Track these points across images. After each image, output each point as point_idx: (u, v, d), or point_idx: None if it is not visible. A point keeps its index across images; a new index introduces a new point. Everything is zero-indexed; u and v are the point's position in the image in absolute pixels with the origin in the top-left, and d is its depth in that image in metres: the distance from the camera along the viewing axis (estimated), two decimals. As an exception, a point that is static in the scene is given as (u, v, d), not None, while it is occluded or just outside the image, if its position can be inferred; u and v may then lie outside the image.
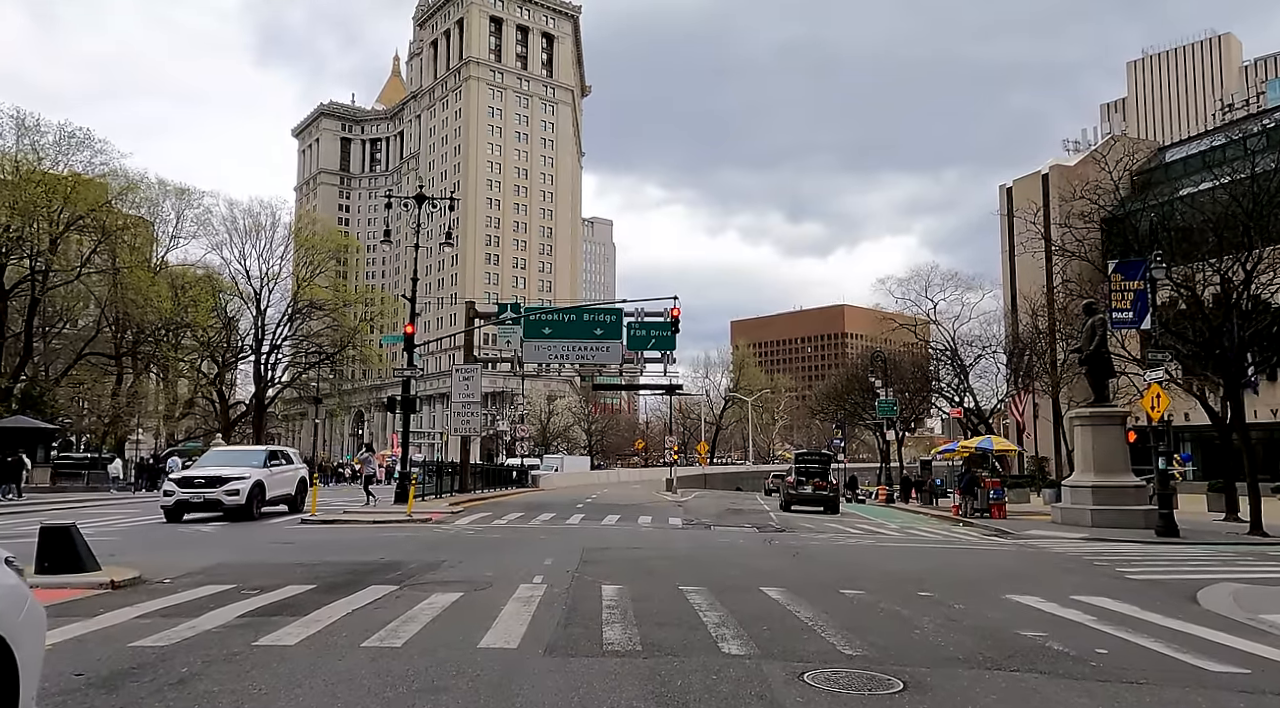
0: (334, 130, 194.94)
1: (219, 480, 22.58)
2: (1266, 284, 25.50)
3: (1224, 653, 7.63)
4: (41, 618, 4.35)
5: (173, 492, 22.35)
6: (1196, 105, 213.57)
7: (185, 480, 22.70)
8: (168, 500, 22.31)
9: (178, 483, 22.60)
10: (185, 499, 22.23)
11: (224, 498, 22.32)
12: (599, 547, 17.02)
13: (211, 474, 22.99)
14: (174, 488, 22.51)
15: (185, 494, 22.23)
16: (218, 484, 22.43)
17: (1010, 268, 69.82)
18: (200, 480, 22.65)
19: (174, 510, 22.31)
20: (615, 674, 6.43)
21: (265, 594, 10.00)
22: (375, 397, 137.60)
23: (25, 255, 48.50)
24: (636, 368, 43.75)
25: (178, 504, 22.14)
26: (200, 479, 22.75)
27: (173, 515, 22.32)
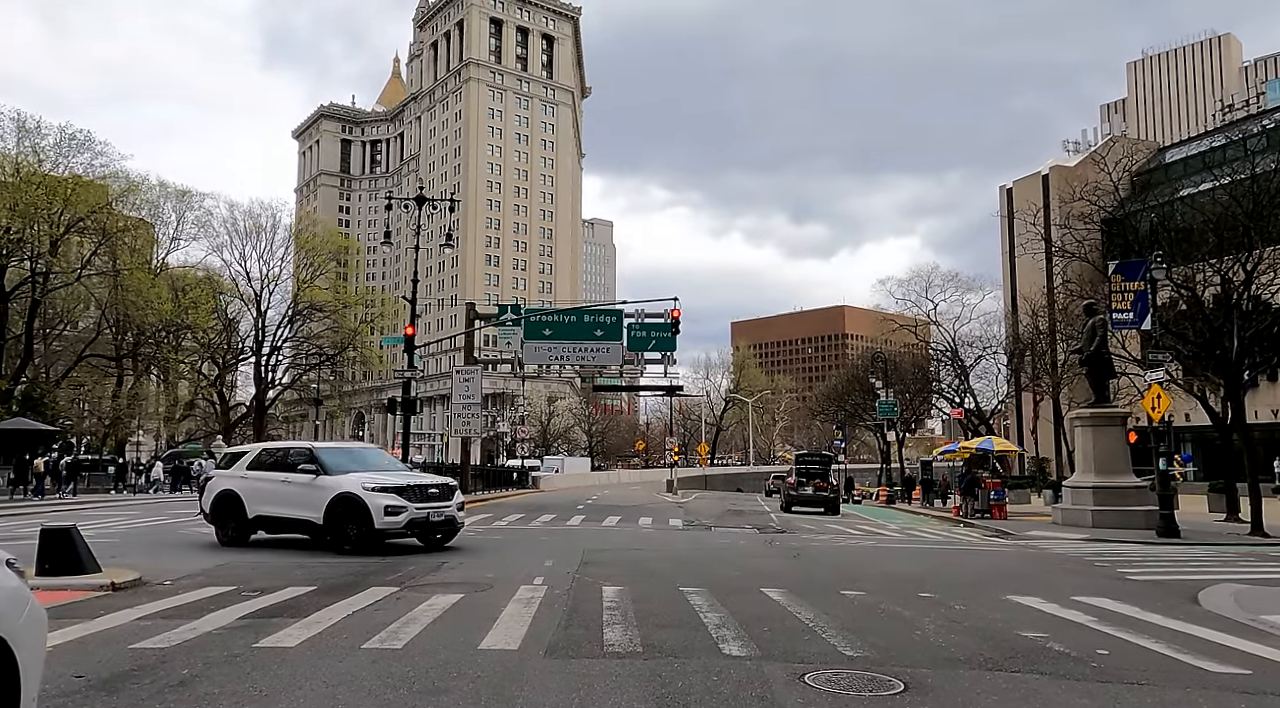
0: (334, 132, 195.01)
1: (444, 490, 16.27)
2: (1267, 285, 25.50)
3: (1225, 654, 7.62)
4: (43, 620, 4.35)
5: (402, 509, 14.97)
6: (1196, 106, 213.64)
7: (409, 489, 15.42)
8: (394, 520, 14.89)
9: (397, 492, 15.23)
10: (423, 517, 15.36)
11: (456, 515, 16.22)
12: (599, 548, 17.02)
13: (431, 483, 16.33)
14: (401, 503, 15.05)
15: (420, 510, 15.30)
16: (445, 496, 16.09)
17: (1010, 269, 69.86)
18: (433, 490, 15.90)
19: (410, 530, 15.38)
20: (616, 676, 6.43)
21: (266, 596, 10.00)
22: (376, 398, 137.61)
23: (26, 257, 48.52)
24: (637, 369, 43.76)
25: (412, 523, 15.19)
26: (433, 489, 15.95)
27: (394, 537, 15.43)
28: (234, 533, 16.32)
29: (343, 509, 14.99)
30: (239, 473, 16.77)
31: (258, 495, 16.09)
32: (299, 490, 15.59)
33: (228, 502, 16.44)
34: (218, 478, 17.29)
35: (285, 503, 15.76)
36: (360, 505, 14.83)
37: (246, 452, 17.78)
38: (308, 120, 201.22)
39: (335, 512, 15.06)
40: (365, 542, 14.82)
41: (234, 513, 16.32)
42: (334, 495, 15.11)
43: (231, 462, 17.73)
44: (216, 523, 16.72)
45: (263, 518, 16.15)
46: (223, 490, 16.63)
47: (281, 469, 16.22)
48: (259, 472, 16.46)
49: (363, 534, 14.82)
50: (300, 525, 15.77)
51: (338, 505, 15.02)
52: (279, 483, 15.91)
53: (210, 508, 16.84)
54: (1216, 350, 24.40)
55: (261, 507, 16.04)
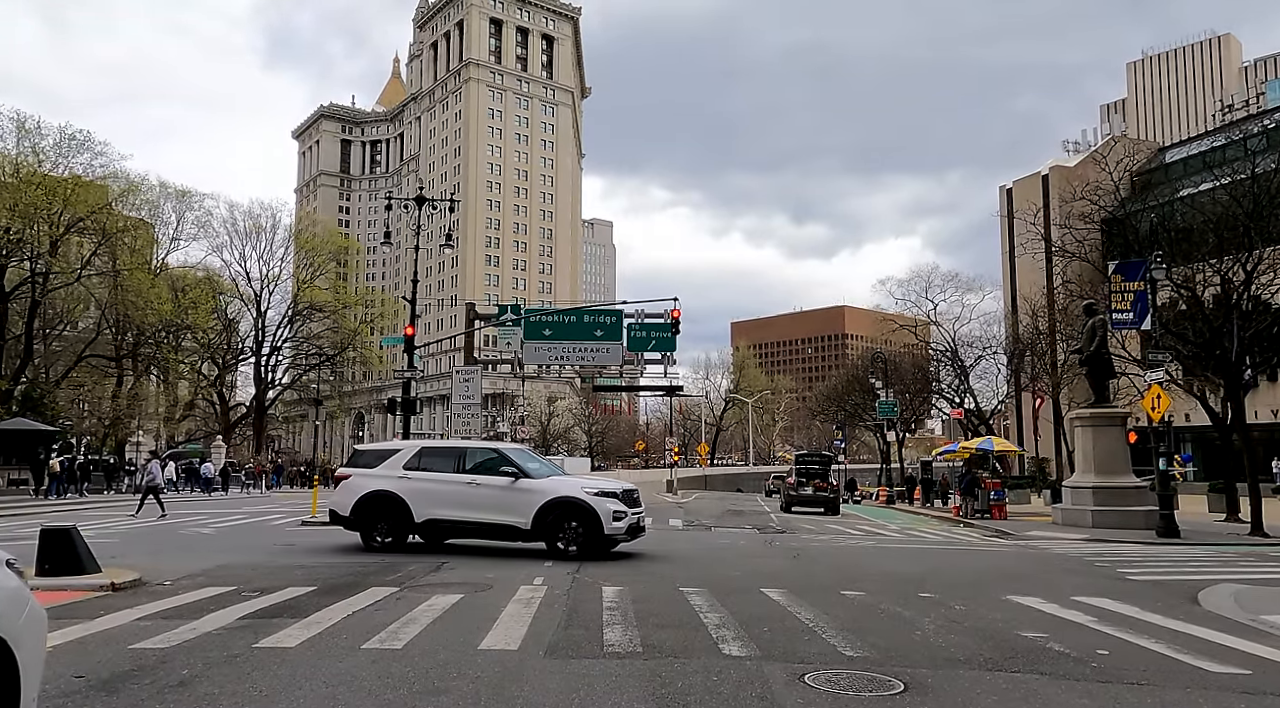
0: (334, 132, 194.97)
1: (635, 495, 15.70)
2: (1267, 285, 25.49)
3: (1225, 654, 7.62)
4: (43, 620, 4.35)
5: (624, 514, 14.74)
6: (1196, 106, 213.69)
7: (620, 495, 15.11)
8: (619, 525, 14.66)
9: (614, 497, 14.93)
10: (634, 522, 15.15)
11: (643, 521, 16.04)
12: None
13: (628, 487, 15.81)
14: (623, 508, 14.80)
15: (633, 515, 15.06)
16: (638, 500, 15.67)
17: (1010, 269, 69.83)
18: (634, 494, 15.60)
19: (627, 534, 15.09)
20: (616, 676, 6.43)
21: (266, 596, 10.00)
22: (375, 398, 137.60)
23: (25, 258, 48.52)
24: (637, 369, 43.76)
25: (629, 528, 14.99)
26: (633, 492, 15.62)
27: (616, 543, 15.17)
28: (389, 537, 15.26)
29: (558, 514, 14.68)
30: (393, 473, 15.37)
31: (430, 498, 15.07)
32: (497, 494, 14.91)
33: (383, 503, 15.20)
34: (359, 478, 15.59)
35: (475, 507, 14.98)
36: (587, 511, 14.64)
37: (397, 450, 16.08)
38: (308, 120, 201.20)
39: (548, 517, 14.67)
40: (591, 547, 14.58)
41: (392, 516, 15.22)
42: (548, 500, 14.72)
43: (377, 460, 15.98)
44: (362, 527, 15.47)
45: (437, 522, 15.17)
46: (374, 491, 15.25)
47: (458, 471, 15.32)
48: (426, 473, 15.30)
49: (589, 539, 14.59)
50: (495, 530, 15.08)
51: (552, 510, 14.68)
52: (463, 486, 15.04)
53: (354, 510, 15.39)
54: (1216, 350, 24.40)
55: (436, 510, 15.08)
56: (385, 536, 15.31)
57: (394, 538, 15.31)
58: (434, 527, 15.28)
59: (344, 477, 15.99)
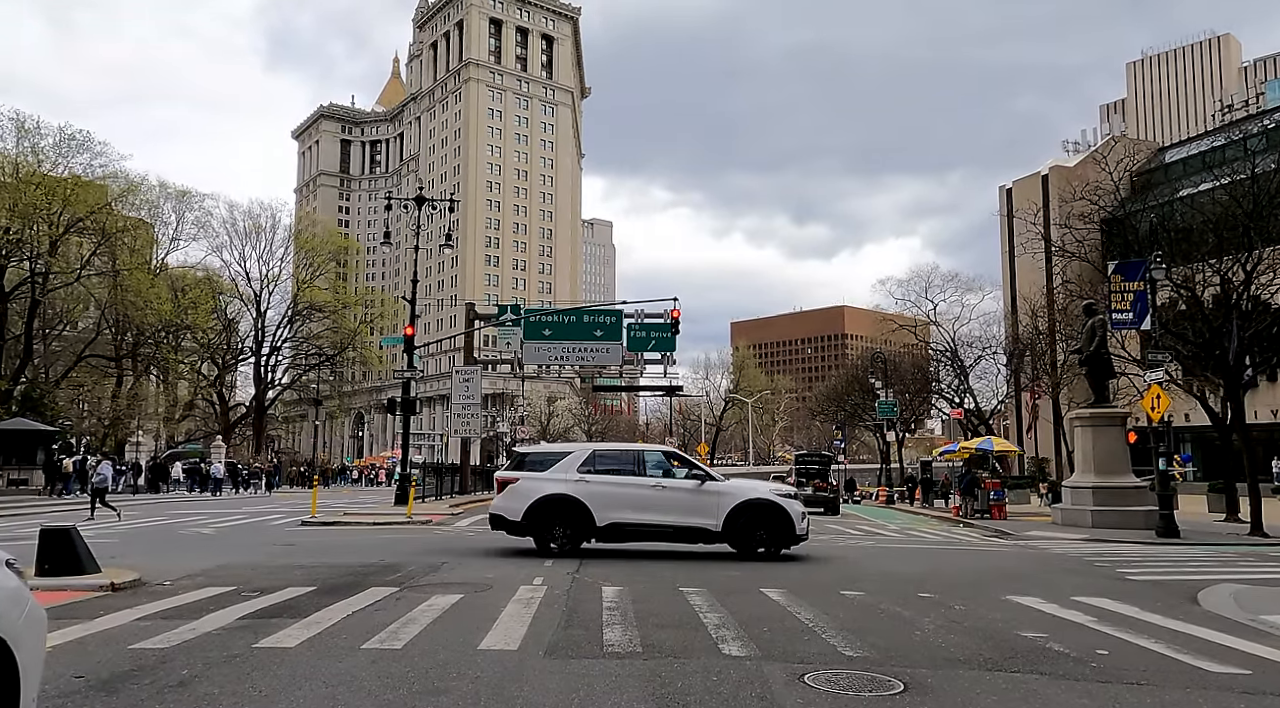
0: (334, 132, 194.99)
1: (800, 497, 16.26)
2: (1266, 285, 25.50)
3: (1225, 654, 7.63)
4: (42, 620, 4.35)
5: (805, 515, 15.40)
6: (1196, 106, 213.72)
7: (792, 496, 15.71)
8: (805, 526, 15.25)
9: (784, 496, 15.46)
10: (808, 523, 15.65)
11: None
12: (599, 549, 16.99)
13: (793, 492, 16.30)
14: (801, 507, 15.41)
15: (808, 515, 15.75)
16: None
17: (1010, 269, 69.82)
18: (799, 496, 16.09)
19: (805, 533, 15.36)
20: (616, 676, 6.43)
21: (265, 596, 10.00)
22: (375, 398, 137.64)
23: (25, 258, 48.51)
24: (636, 369, 43.78)
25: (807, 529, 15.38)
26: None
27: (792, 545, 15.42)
28: (567, 542, 14.92)
29: (749, 516, 14.83)
30: (568, 476, 15.04)
31: (612, 501, 14.86)
32: (685, 496, 14.95)
33: (562, 507, 14.88)
34: (529, 481, 15.17)
35: (661, 510, 14.90)
36: (779, 512, 14.92)
37: (568, 452, 15.89)
38: (307, 120, 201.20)
39: (740, 519, 14.77)
40: (781, 547, 14.94)
41: (571, 520, 14.90)
42: (739, 502, 14.85)
43: (546, 463, 15.58)
44: (537, 531, 15.00)
45: (621, 525, 14.94)
46: (550, 495, 14.88)
47: (638, 473, 15.30)
48: (605, 476, 15.11)
49: (782, 540, 14.93)
50: (682, 532, 15.06)
51: (743, 512, 14.80)
52: (648, 489, 14.98)
53: (527, 515, 14.94)
54: (1216, 351, 24.40)
55: (619, 513, 14.85)
56: (563, 540, 14.96)
57: (572, 543, 15.02)
58: (617, 530, 15.04)
59: (509, 481, 15.37)
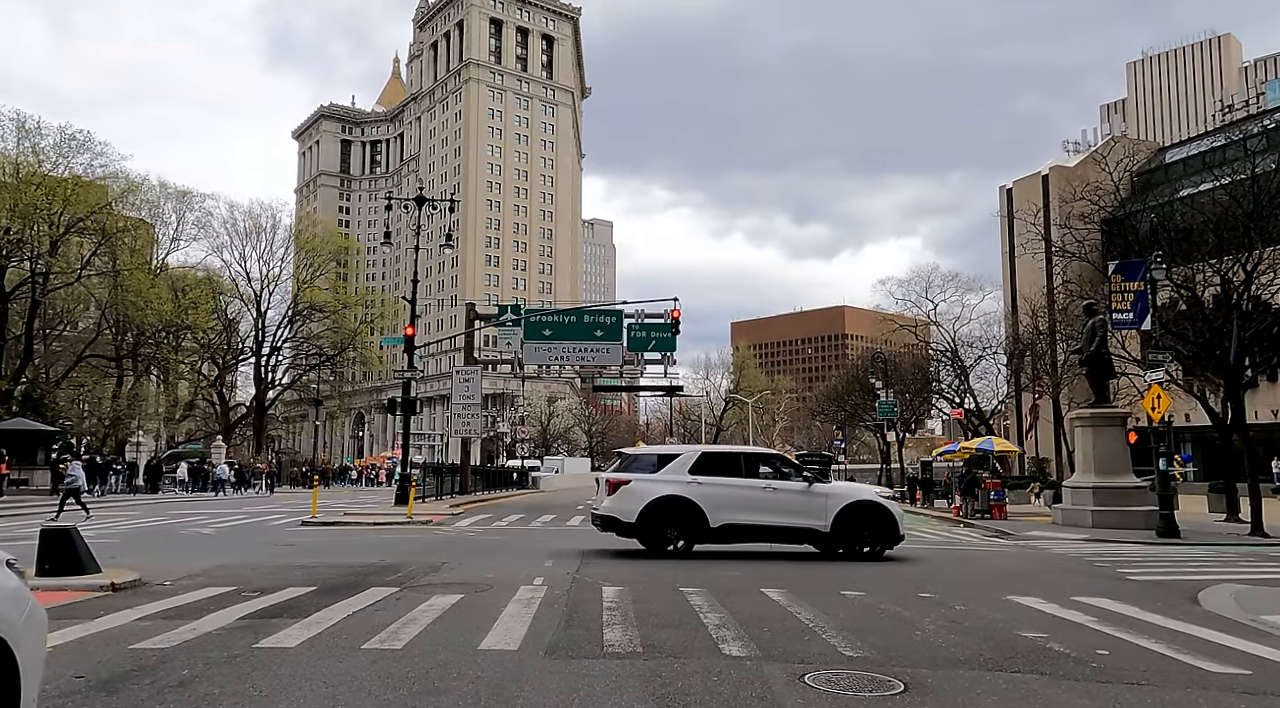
0: (334, 132, 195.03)
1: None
2: (1267, 285, 25.48)
3: (1225, 654, 7.62)
4: (43, 620, 4.35)
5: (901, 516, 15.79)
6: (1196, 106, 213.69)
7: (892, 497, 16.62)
8: (903, 526, 15.69)
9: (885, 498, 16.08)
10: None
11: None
12: (599, 548, 17.00)
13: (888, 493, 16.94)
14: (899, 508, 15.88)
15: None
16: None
17: (1010, 269, 69.79)
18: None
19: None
20: (616, 676, 6.43)
21: (266, 596, 10.00)
22: (375, 398, 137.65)
23: (25, 258, 48.52)
24: (637, 369, 43.83)
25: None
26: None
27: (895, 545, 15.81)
28: (681, 543, 15.03)
29: (857, 517, 15.14)
30: (679, 478, 15.15)
31: (724, 502, 15.01)
32: (795, 498, 15.21)
33: (676, 509, 14.97)
34: (641, 483, 15.22)
35: (771, 511, 15.16)
36: (884, 512, 15.36)
37: (677, 454, 16.01)
38: (307, 121, 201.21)
39: (847, 520, 15.06)
40: (886, 547, 15.35)
41: (685, 521, 15.01)
42: (847, 504, 15.15)
43: (656, 465, 15.71)
44: (650, 532, 15.06)
45: (734, 526, 15.09)
46: (664, 496, 14.96)
47: (748, 476, 15.52)
48: (716, 478, 15.24)
49: (887, 540, 15.35)
50: (791, 533, 15.36)
51: (851, 513, 15.09)
52: (759, 491, 15.25)
53: (641, 517, 14.93)
54: (1216, 351, 24.39)
55: (732, 515, 15.01)
56: (676, 541, 15.09)
57: (685, 543, 15.11)
58: (730, 531, 15.16)
59: (621, 482, 15.35)
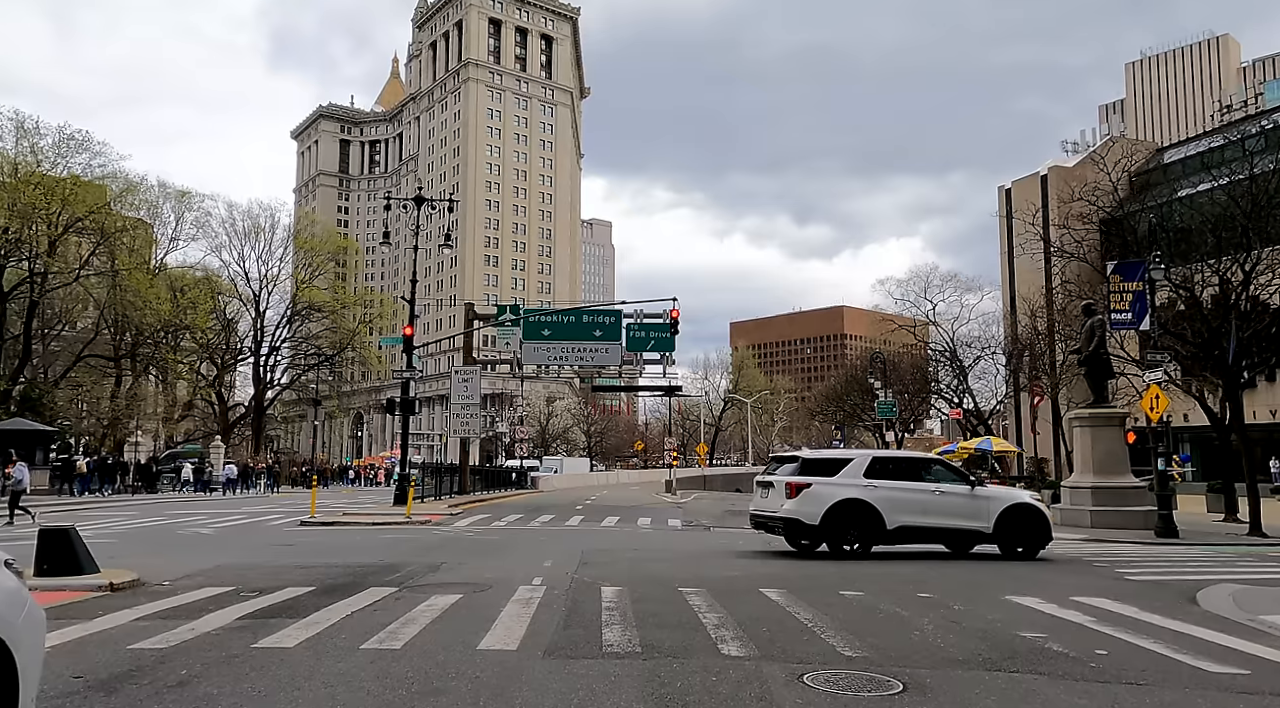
0: (333, 132, 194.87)
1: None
2: (1265, 285, 25.50)
3: (1223, 654, 7.63)
4: (41, 620, 4.34)
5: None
6: (1195, 107, 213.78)
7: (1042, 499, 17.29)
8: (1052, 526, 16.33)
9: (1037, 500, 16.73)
10: None
11: None
12: (598, 549, 17.02)
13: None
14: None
15: None
16: None
17: (1009, 269, 69.75)
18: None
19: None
20: (615, 676, 6.43)
21: (264, 596, 10.00)
22: (374, 398, 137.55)
23: (24, 258, 48.47)
24: (636, 369, 43.79)
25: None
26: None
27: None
28: (857, 544, 15.40)
29: (1017, 518, 15.80)
30: (856, 482, 15.53)
31: (898, 505, 15.47)
32: (961, 501, 15.75)
33: (855, 511, 15.33)
34: (822, 486, 15.58)
35: (939, 513, 15.69)
36: (1038, 514, 16.05)
37: (850, 458, 16.36)
38: (306, 120, 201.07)
39: (1008, 521, 15.72)
40: (1040, 548, 16.01)
41: (863, 523, 15.39)
42: (1007, 506, 15.85)
43: (832, 468, 15.98)
44: (832, 534, 15.42)
45: (907, 528, 15.61)
46: (845, 499, 15.32)
47: (914, 478, 15.98)
48: (888, 481, 15.68)
49: (1041, 541, 16.03)
50: (957, 535, 15.98)
51: (1011, 515, 15.75)
52: (929, 494, 15.71)
53: (824, 519, 15.31)
54: (1215, 351, 24.40)
55: (905, 517, 15.51)
56: (854, 542, 15.45)
57: (861, 545, 15.48)
58: (904, 533, 15.68)
59: (803, 485, 15.64)
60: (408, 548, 16.47)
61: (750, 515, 17.23)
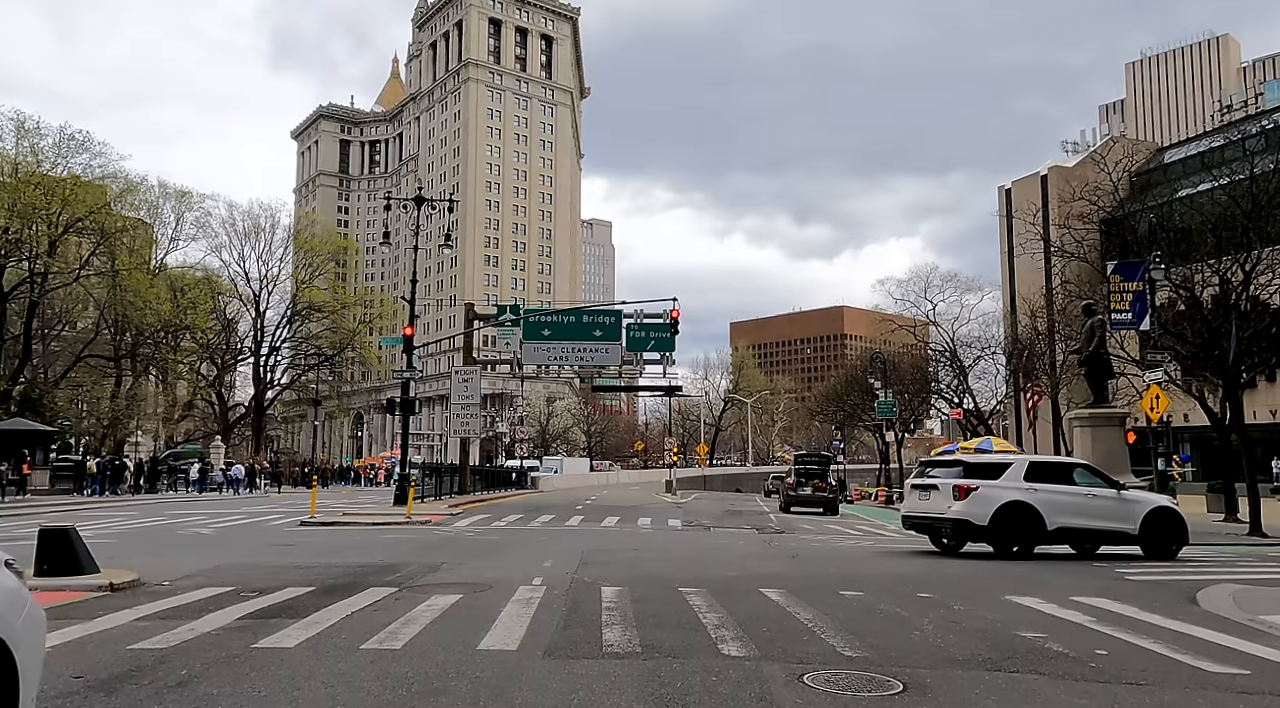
0: (333, 132, 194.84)
1: None
2: (1265, 285, 25.51)
3: (1223, 654, 7.62)
4: (42, 621, 4.34)
5: None
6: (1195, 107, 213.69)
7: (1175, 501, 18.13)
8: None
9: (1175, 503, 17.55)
10: None
11: None
12: (598, 549, 17.03)
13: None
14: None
15: None
16: None
17: (1009, 269, 69.75)
18: None
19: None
20: (615, 676, 6.43)
21: (264, 597, 9.99)
22: (374, 398, 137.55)
23: (24, 258, 48.51)
24: (636, 369, 43.78)
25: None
26: None
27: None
28: (1017, 545, 15.97)
29: (1157, 521, 16.45)
30: (1019, 485, 16.05)
31: (1057, 508, 16.02)
32: (1111, 504, 16.39)
33: (1020, 513, 15.86)
34: (989, 489, 16.14)
35: (1092, 515, 16.31)
36: (1179, 518, 16.66)
37: (1008, 463, 16.91)
38: (306, 121, 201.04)
39: (1151, 523, 16.37)
40: (1180, 549, 16.57)
41: (1026, 525, 15.93)
42: (1151, 509, 16.53)
43: (994, 472, 16.54)
44: (999, 535, 15.96)
45: (1065, 529, 16.25)
46: (1011, 501, 15.87)
47: (1065, 482, 16.57)
48: (1045, 484, 16.22)
49: (1180, 542, 16.60)
50: (1106, 535, 16.57)
51: (1153, 517, 16.41)
52: (1083, 497, 16.31)
53: (993, 520, 15.83)
54: (1215, 351, 24.41)
55: (1064, 519, 16.08)
56: (1015, 543, 16.01)
57: (1021, 546, 16.00)
58: (1062, 534, 16.32)
59: (971, 488, 16.17)
60: (408, 548, 16.47)
61: (903, 517, 18.00)
